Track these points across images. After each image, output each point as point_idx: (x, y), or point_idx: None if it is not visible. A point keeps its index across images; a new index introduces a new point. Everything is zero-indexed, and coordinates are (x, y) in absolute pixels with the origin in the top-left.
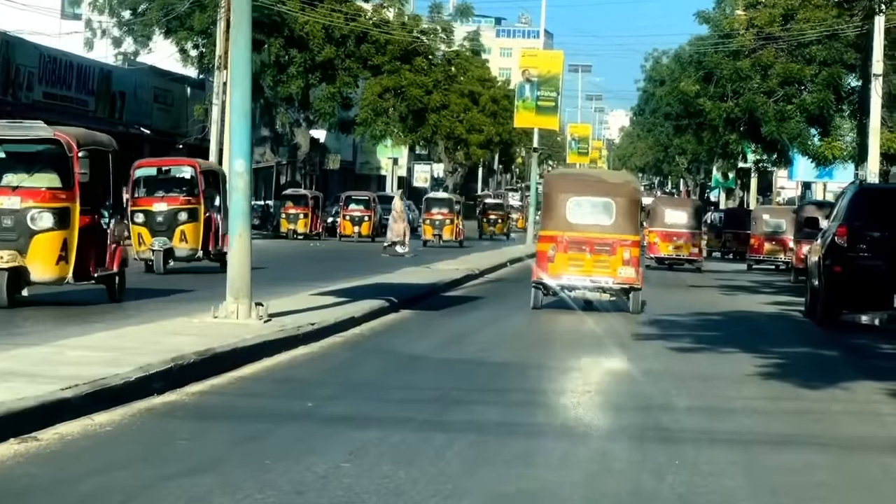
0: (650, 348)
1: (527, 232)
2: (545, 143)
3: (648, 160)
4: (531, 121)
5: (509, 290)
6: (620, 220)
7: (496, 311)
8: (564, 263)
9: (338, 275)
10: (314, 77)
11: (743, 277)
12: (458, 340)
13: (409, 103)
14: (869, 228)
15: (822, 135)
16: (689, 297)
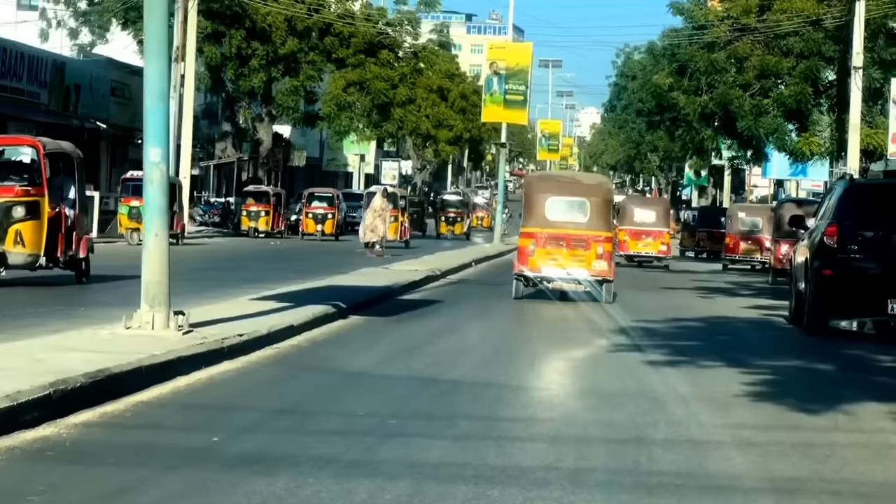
0: (623, 362)
1: (494, 231)
2: (515, 141)
3: (620, 157)
4: (499, 115)
5: (472, 293)
6: (594, 218)
7: (455, 318)
8: (543, 257)
9: (290, 276)
10: (277, 70)
11: (719, 278)
12: (408, 353)
13: (374, 97)
14: (861, 228)
15: (800, 130)
16: (665, 300)
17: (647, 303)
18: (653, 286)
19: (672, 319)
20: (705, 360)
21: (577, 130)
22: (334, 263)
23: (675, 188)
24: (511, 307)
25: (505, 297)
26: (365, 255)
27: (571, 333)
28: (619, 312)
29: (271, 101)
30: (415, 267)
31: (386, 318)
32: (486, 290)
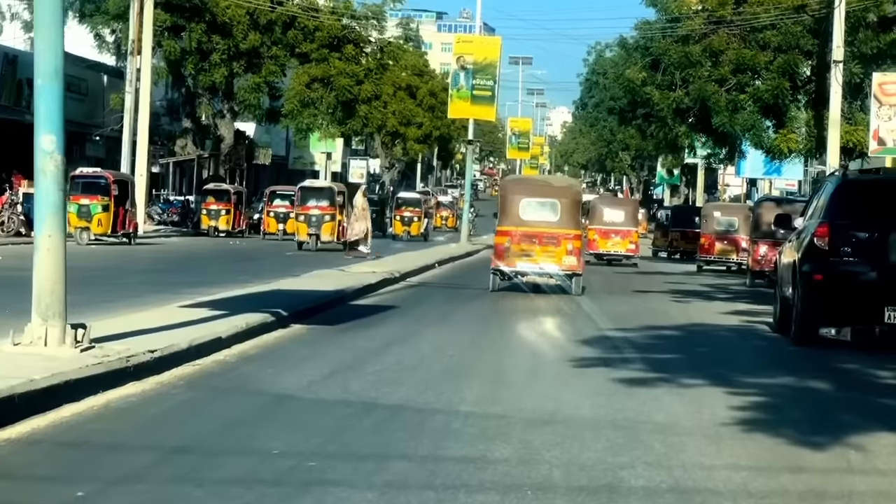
0: (593, 380)
1: (460, 231)
2: (486, 140)
3: (591, 156)
4: (466, 111)
5: (432, 297)
6: (564, 218)
7: (409, 325)
8: (518, 254)
9: (241, 279)
10: (238, 65)
11: (694, 280)
12: (350, 369)
13: (339, 94)
14: (855, 228)
15: (777, 126)
16: (638, 305)
17: (619, 308)
18: (625, 289)
19: (647, 327)
20: (685, 377)
21: (549, 129)
22: (291, 265)
23: (647, 187)
24: (473, 313)
25: (468, 300)
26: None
27: (537, 344)
28: (591, 319)
29: (233, 97)
30: (372, 269)
31: (332, 326)
32: (447, 294)
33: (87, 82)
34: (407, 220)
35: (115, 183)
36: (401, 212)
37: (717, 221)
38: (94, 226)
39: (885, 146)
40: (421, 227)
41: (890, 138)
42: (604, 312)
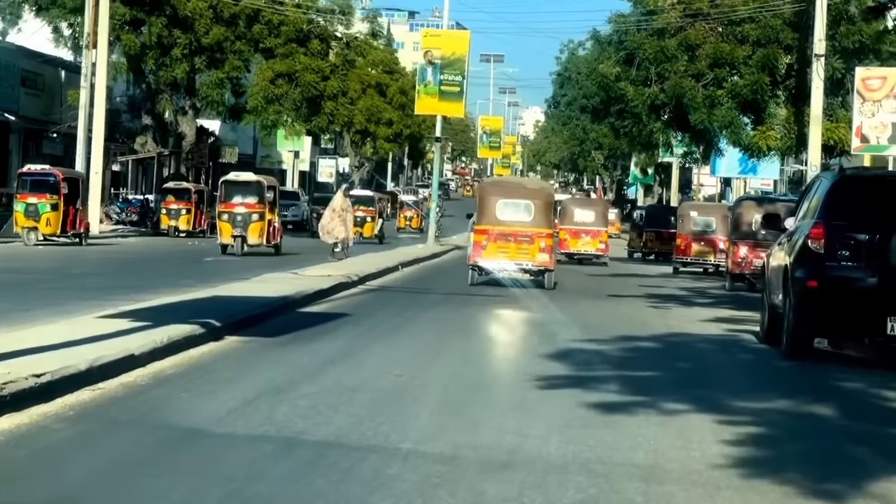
0: (561, 406)
1: (427, 232)
2: (457, 139)
3: (563, 155)
4: (434, 107)
5: (390, 303)
6: (538, 218)
7: (358, 338)
8: (494, 250)
9: (184, 282)
10: (200, 60)
11: (670, 283)
12: (279, 393)
13: (304, 90)
14: (853, 229)
15: (756, 123)
16: (612, 311)
17: (592, 315)
18: (599, 293)
19: (622, 338)
20: (668, 401)
21: (521, 129)
22: (244, 267)
23: (621, 187)
24: (434, 320)
25: (429, 306)
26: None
27: (499, 359)
28: (561, 328)
29: (195, 94)
30: (328, 272)
31: (272, 338)
32: (407, 300)
33: (44, 77)
34: (359, 220)
35: (64, 181)
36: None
37: (693, 222)
38: (42, 225)
39: (868, 143)
40: (375, 227)
41: (873, 135)
42: (575, 320)
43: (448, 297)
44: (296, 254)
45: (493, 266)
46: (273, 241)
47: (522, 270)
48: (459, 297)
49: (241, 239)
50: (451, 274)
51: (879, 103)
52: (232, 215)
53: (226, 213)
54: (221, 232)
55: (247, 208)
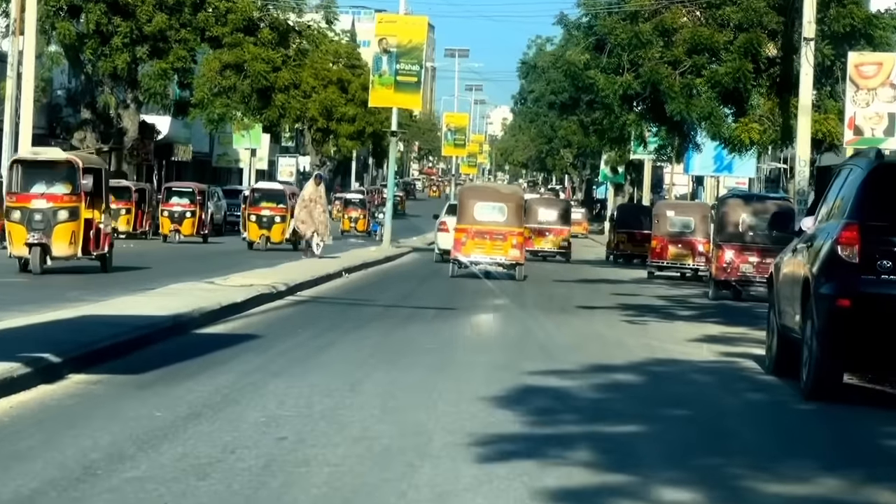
0: (502, 498)
1: (383, 234)
2: (425, 139)
3: (531, 154)
4: (389, 99)
5: (316, 319)
6: (510, 218)
7: (253, 372)
8: (472, 246)
9: (71, 294)
10: (142, 50)
11: (646, 290)
12: (79, 483)
13: (253, 80)
14: None
15: (736, 115)
16: (583, 328)
17: (559, 334)
18: (567, 305)
19: (594, 368)
20: (662, 483)
21: (490, 128)
22: (164, 274)
23: (590, 186)
24: (361, 344)
25: (362, 324)
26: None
27: (429, 407)
28: (518, 354)
29: (137, 86)
30: (252, 280)
31: (133, 376)
32: (339, 315)
33: None
34: (266, 221)
35: None
36: (257, 210)
37: (670, 222)
38: None
39: (863, 136)
40: (287, 229)
41: (867, 126)
42: (538, 341)
43: (390, 310)
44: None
45: (471, 259)
46: (96, 251)
47: (497, 264)
48: (404, 311)
49: (40, 248)
50: (403, 280)
51: (874, 92)
52: (27, 212)
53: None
54: None
55: (49, 201)
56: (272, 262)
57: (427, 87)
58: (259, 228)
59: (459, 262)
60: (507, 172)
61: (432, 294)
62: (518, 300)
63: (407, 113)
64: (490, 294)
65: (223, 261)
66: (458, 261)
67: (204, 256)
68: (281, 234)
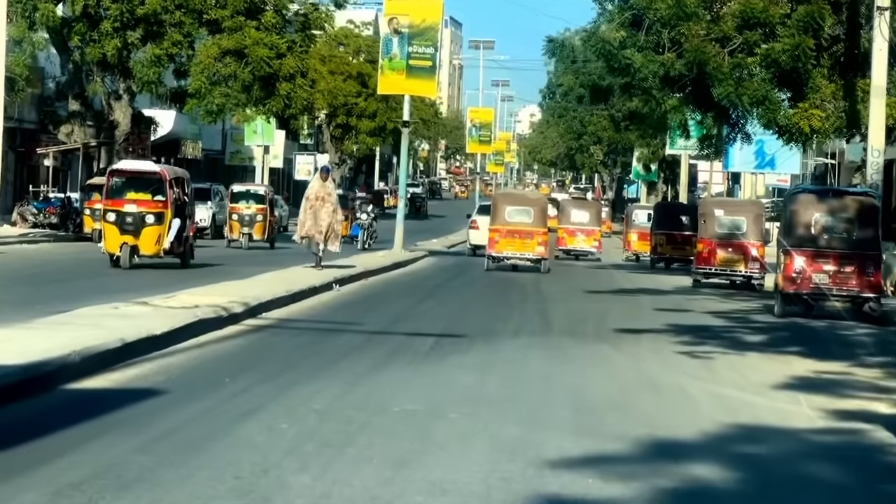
0: None
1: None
2: (452, 138)
3: (560, 151)
4: (400, 86)
5: (267, 356)
6: (536, 220)
7: (88, 485)
8: (504, 244)
9: None
10: (134, 35)
11: (695, 303)
12: None
13: (255, 67)
14: None
15: (794, 99)
16: (626, 367)
17: (596, 377)
18: (602, 324)
19: (653, 450)
20: None
21: (518, 127)
22: (115, 287)
23: (621, 185)
24: (289, 423)
25: (324, 366)
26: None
27: None
28: (541, 414)
29: (130, 75)
30: (202, 299)
31: None
32: (298, 351)
33: None
34: (246, 219)
35: None
36: (237, 209)
37: (718, 222)
38: None
39: None
40: (265, 229)
41: None
42: (568, 394)
43: (374, 339)
44: (214, 265)
45: (503, 255)
46: (178, 250)
47: (525, 259)
48: (393, 341)
49: (130, 248)
50: (407, 292)
51: None
52: (121, 216)
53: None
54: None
55: (140, 207)
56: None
57: (455, 86)
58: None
59: (493, 258)
60: (535, 172)
61: (438, 312)
62: (543, 321)
63: (431, 109)
64: (509, 310)
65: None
66: (491, 256)
67: (270, 260)
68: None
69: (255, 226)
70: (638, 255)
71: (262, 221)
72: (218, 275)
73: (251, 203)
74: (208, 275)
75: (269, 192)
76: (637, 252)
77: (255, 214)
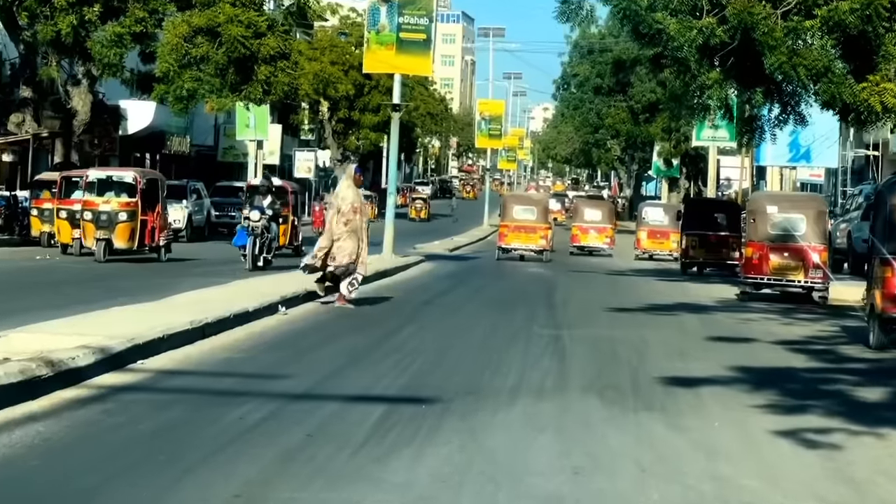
0: None
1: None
2: (464, 135)
3: (575, 147)
4: (389, 62)
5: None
6: (539, 217)
7: None
8: (513, 238)
9: None
10: (92, 11)
11: (754, 327)
12: None
13: (230, 49)
14: None
15: (861, 71)
16: (690, 462)
17: (645, 499)
18: (640, 364)
19: None
20: None
21: (532, 125)
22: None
23: (639, 182)
24: None
25: (175, 479)
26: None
27: None
28: None
29: (88, 57)
30: (48, 341)
31: None
32: (131, 453)
33: None
34: (104, 220)
35: None
36: (91, 205)
37: (771, 222)
38: None
39: None
40: (130, 235)
41: None
42: None
43: (286, 409)
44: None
45: (512, 247)
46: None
47: (531, 250)
48: (318, 412)
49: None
50: (378, 318)
51: None
52: None
53: None
54: None
55: None
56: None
57: (467, 82)
58: None
59: (503, 249)
60: (550, 170)
61: (412, 346)
62: (557, 362)
63: (441, 104)
64: (511, 341)
65: None
66: (501, 248)
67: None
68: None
69: (117, 228)
70: (650, 253)
71: (129, 222)
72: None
73: (113, 196)
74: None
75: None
76: (647, 250)
77: (115, 213)
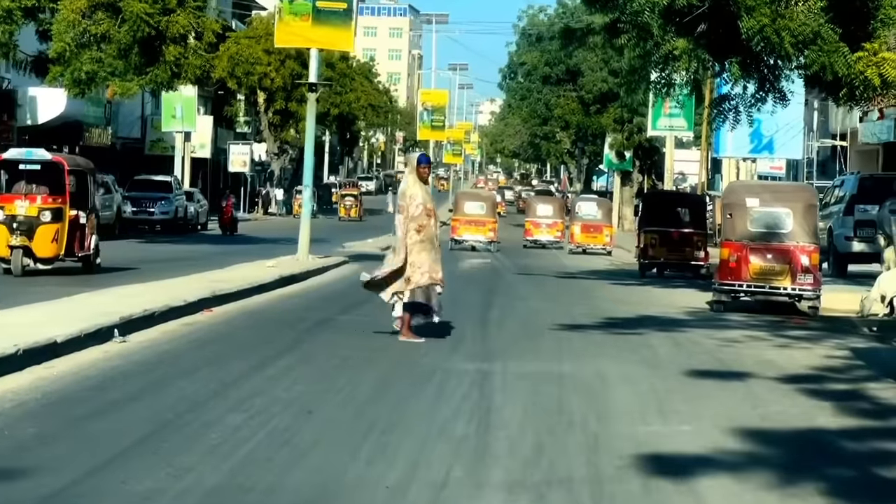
0: None
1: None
2: (411, 130)
3: (524, 139)
4: (304, 36)
5: None
6: (488, 211)
7: None
8: (464, 230)
9: None
10: None
11: (744, 354)
12: None
13: (133, 26)
14: None
15: (855, 39)
16: None
17: None
18: (604, 429)
19: None
20: None
21: (479, 119)
22: None
23: (590, 176)
24: None
25: None
26: None
27: None
28: None
29: None
30: None
31: None
32: None
33: None
34: None
35: None
36: None
37: (751, 217)
38: None
39: None
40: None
41: None
42: None
43: None
44: None
45: (463, 239)
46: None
47: (480, 242)
48: None
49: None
50: (258, 338)
51: None
52: None
53: None
54: None
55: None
56: None
57: (414, 76)
58: None
59: (456, 241)
60: (498, 165)
61: (263, 402)
62: (475, 430)
63: (385, 97)
64: (418, 387)
65: None
66: (454, 239)
67: None
68: None
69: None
70: (584, 247)
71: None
72: None
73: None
74: None
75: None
76: (581, 244)
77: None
